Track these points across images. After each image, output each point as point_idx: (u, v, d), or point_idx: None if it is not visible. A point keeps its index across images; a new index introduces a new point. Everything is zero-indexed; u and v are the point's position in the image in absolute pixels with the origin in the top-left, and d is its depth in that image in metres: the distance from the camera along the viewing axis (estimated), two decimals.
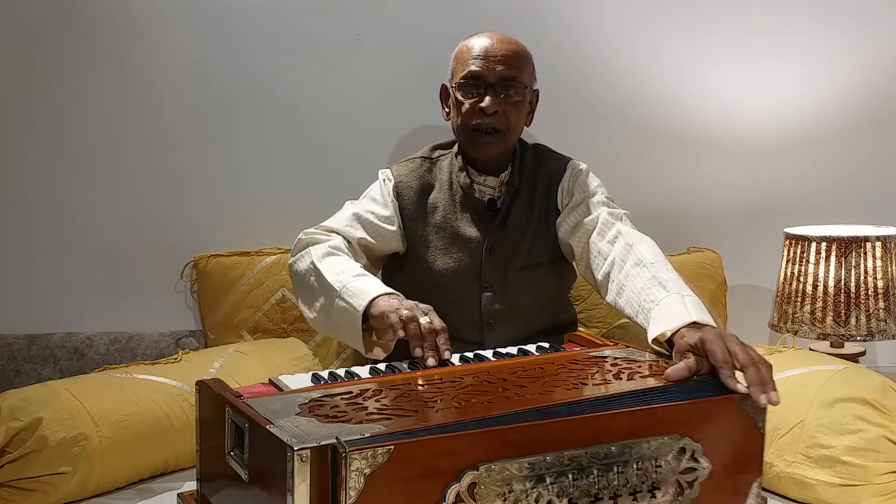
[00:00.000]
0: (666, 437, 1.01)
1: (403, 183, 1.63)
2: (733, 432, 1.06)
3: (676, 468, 1.02)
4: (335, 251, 1.50)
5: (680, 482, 1.02)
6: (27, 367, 1.98)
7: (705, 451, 1.03)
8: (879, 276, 1.89)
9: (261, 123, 2.08)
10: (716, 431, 1.05)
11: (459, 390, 1.07)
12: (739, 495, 1.07)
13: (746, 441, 1.07)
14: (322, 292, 1.44)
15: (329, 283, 1.41)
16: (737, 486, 1.07)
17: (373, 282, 1.40)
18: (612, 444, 0.97)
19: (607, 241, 1.50)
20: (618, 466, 0.97)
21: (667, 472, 1.01)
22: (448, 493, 0.89)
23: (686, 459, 1.02)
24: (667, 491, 1.01)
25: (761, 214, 2.18)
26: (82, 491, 1.40)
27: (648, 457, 1.00)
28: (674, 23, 2.13)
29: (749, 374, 1.06)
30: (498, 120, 1.54)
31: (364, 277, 1.41)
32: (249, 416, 0.96)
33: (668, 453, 1.01)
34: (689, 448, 1.02)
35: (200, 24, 2.03)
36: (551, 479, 0.94)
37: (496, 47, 1.55)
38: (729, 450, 1.05)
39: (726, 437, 1.05)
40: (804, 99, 2.17)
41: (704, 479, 1.04)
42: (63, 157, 2.04)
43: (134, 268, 2.08)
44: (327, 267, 1.45)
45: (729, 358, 1.08)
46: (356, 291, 1.37)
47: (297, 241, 1.56)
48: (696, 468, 1.03)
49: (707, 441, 1.03)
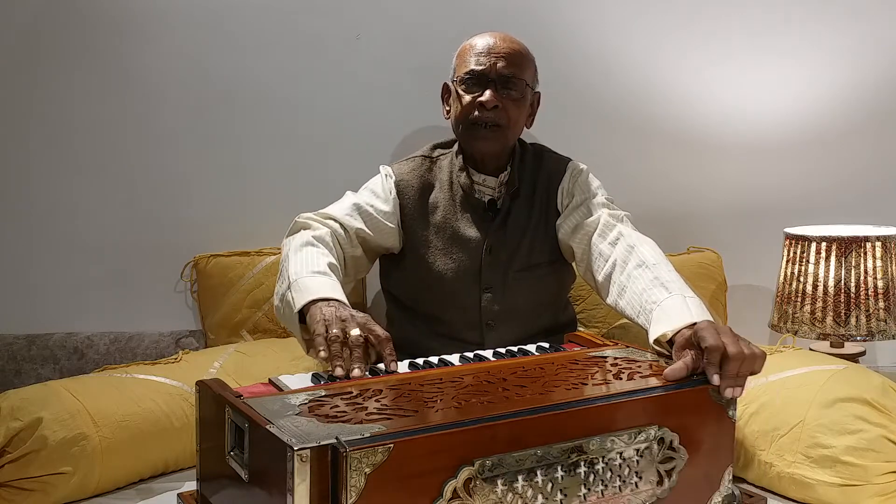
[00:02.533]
0: (646, 428, 1.04)
1: (404, 181, 1.63)
2: (707, 421, 1.10)
3: (656, 458, 1.05)
4: (315, 242, 1.47)
5: (660, 471, 1.06)
6: (27, 367, 1.98)
7: (682, 441, 1.07)
8: (879, 276, 1.89)
9: (261, 123, 2.08)
10: (691, 421, 1.09)
11: (459, 390, 1.07)
12: (714, 482, 1.11)
13: (719, 429, 1.11)
14: (284, 280, 1.40)
15: (289, 272, 1.38)
16: (711, 473, 1.11)
17: (322, 282, 1.35)
18: (596, 436, 1.01)
19: (608, 242, 1.50)
20: (603, 458, 1.01)
21: (648, 462, 1.05)
22: (445, 489, 0.91)
23: (665, 449, 1.06)
24: (648, 480, 1.05)
25: (761, 214, 2.18)
26: (82, 491, 1.40)
27: (631, 447, 1.03)
28: (674, 22, 2.13)
29: (726, 367, 1.10)
30: (498, 115, 1.54)
31: (318, 276, 1.36)
32: (249, 416, 0.96)
33: (649, 443, 1.04)
34: (667, 437, 1.06)
35: (201, 23, 2.03)
36: (542, 473, 0.97)
37: (499, 45, 1.56)
38: (703, 438, 1.10)
39: (701, 426, 1.09)
40: (804, 99, 2.17)
41: (682, 468, 1.07)
42: (63, 157, 2.04)
43: (134, 268, 2.08)
44: (297, 257, 1.42)
45: (720, 345, 1.10)
46: (303, 288, 1.33)
47: (293, 224, 1.56)
48: (674, 457, 1.07)
49: (683, 430, 1.07)
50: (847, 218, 2.07)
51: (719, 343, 1.11)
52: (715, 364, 1.10)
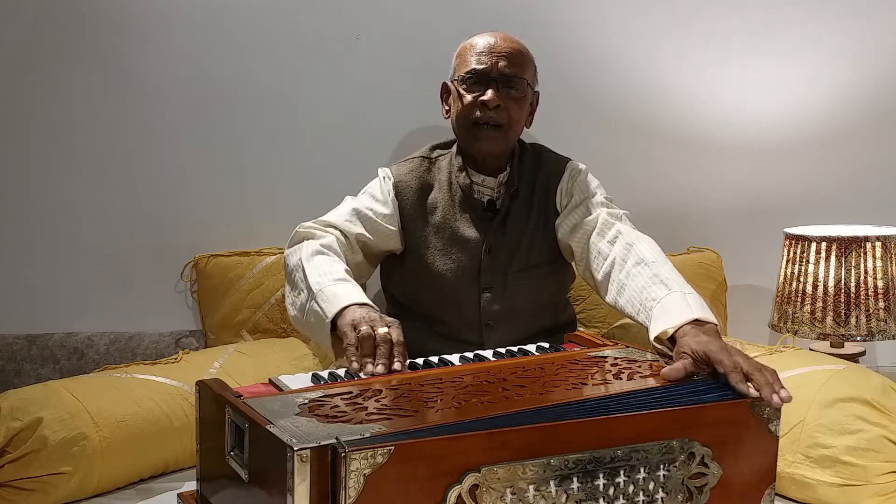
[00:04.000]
0: (674, 442, 1.00)
1: (403, 183, 1.63)
2: (745, 437, 1.05)
3: (686, 473, 1.01)
4: (325, 250, 1.49)
5: (689, 487, 1.01)
6: (27, 367, 1.98)
7: (715, 457, 1.02)
8: (879, 276, 1.89)
9: (261, 123, 2.07)
10: (727, 436, 1.03)
11: (459, 390, 1.07)
12: (752, 501, 1.06)
13: (759, 446, 1.06)
14: (303, 291, 1.42)
15: (310, 283, 1.39)
16: (749, 492, 1.06)
17: (349, 289, 1.37)
18: (618, 447, 0.96)
19: (607, 241, 1.50)
20: (625, 470, 0.97)
21: (675, 477, 1.00)
22: (449, 494, 0.89)
23: (695, 464, 1.01)
24: (675, 496, 1.00)
25: (761, 214, 2.18)
26: (82, 491, 1.40)
27: (657, 461, 0.99)
28: (674, 22, 2.12)
29: (756, 379, 1.07)
30: (499, 114, 1.54)
31: (342, 283, 1.38)
32: (249, 416, 0.96)
33: (677, 458, 1.00)
34: (698, 453, 1.01)
35: (201, 24, 2.03)
36: (556, 483, 0.93)
37: (500, 44, 1.56)
38: (741, 455, 1.04)
39: (738, 442, 1.04)
40: (804, 99, 2.17)
41: (714, 484, 1.03)
42: (63, 157, 2.04)
43: (134, 268, 2.07)
44: (313, 266, 1.43)
45: (738, 364, 1.08)
46: (330, 296, 1.34)
47: (294, 234, 1.56)
48: (705, 473, 1.02)
49: (718, 446, 1.02)
50: (847, 218, 2.07)
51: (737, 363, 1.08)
52: (742, 382, 1.07)
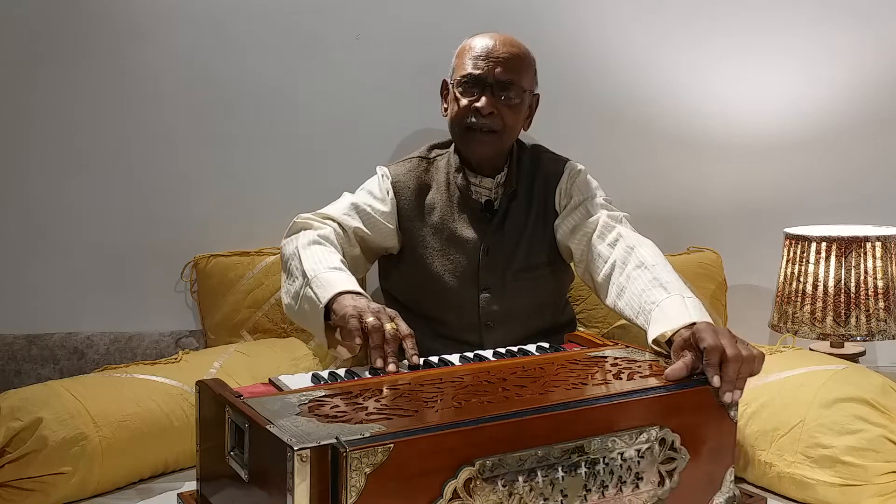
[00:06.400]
0: (648, 429, 1.04)
1: (401, 183, 1.63)
2: (708, 422, 1.10)
3: (657, 458, 1.05)
4: (322, 240, 1.49)
5: (661, 472, 1.06)
6: (27, 367, 1.98)
7: (683, 441, 1.07)
8: (879, 276, 1.89)
9: (261, 123, 2.08)
10: (692, 421, 1.09)
11: (459, 390, 1.07)
12: (715, 483, 1.11)
13: (720, 430, 1.11)
14: (297, 278, 1.42)
15: (305, 269, 1.40)
16: (713, 474, 1.11)
17: (343, 276, 1.38)
18: (597, 436, 1.01)
19: (607, 243, 1.50)
20: (604, 458, 1.01)
21: (649, 463, 1.05)
22: (445, 489, 0.91)
23: (666, 449, 1.06)
24: (649, 481, 1.05)
25: (761, 214, 2.18)
26: (82, 491, 1.40)
27: (632, 448, 1.03)
28: (674, 23, 2.13)
29: (726, 369, 1.10)
30: (493, 121, 1.54)
31: (337, 271, 1.39)
32: (249, 416, 0.96)
33: (651, 444, 1.04)
34: (668, 438, 1.06)
35: (201, 24, 2.03)
36: (543, 473, 0.97)
37: (498, 49, 1.55)
38: (705, 439, 1.10)
39: (702, 426, 1.10)
40: (804, 99, 2.17)
41: (683, 468, 1.07)
42: (63, 157, 2.04)
43: (134, 268, 2.08)
44: (308, 254, 1.43)
45: (719, 346, 1.10)
46: (325, 283, 1.35)
47: (292, 224, 1.56)
48: (675, 458, 1.07)
49: (685, 431, 1.07)
50: (847, 218, 2.07)
51: (718, 344, 1.11)
52: (714, 365, 1.10)
